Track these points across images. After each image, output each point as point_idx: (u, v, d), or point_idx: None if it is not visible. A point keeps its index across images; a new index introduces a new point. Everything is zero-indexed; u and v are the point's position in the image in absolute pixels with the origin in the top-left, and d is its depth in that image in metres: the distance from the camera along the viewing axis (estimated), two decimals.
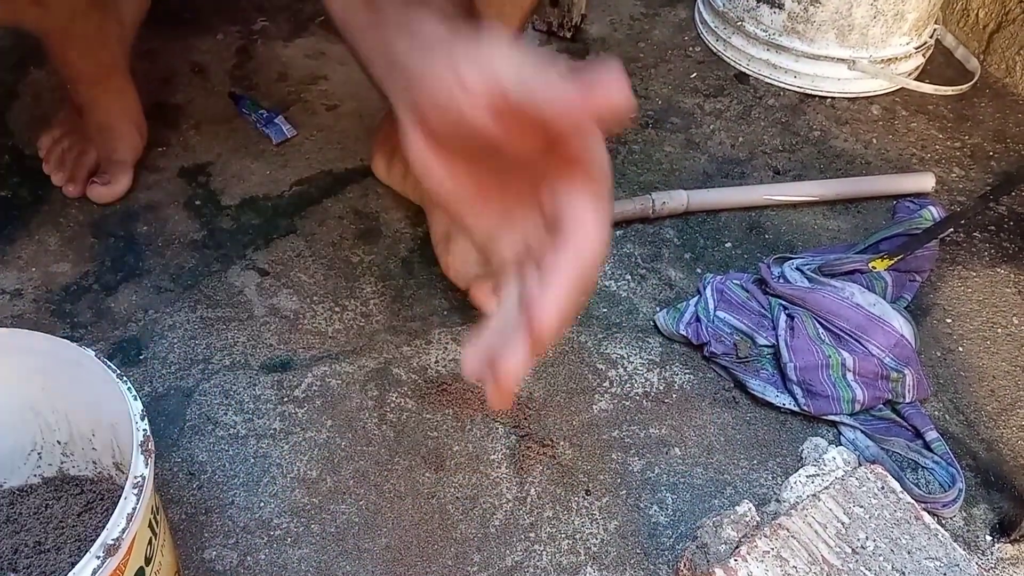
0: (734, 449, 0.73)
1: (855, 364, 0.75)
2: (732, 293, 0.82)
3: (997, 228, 0.96)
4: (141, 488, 0.47)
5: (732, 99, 1.12)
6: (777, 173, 1.01)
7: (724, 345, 0.78)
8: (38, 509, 0.59)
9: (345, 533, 0.65)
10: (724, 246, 0.91)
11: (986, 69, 1.19)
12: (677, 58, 1.18)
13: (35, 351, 0.55)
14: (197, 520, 0.65)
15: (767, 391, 0.75)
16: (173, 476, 0.68)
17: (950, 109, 1.12)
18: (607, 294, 0.85)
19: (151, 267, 0.84)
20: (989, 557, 0.68)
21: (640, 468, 0.71)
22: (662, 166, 1.00)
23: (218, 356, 0.76)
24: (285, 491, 0.67)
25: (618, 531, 0.67)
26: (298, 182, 0.94)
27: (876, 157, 1.04)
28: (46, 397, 0.58)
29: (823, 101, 1.12)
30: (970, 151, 1.06)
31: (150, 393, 0.73)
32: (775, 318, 0.79)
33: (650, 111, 1.08)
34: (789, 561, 0.53)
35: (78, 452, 0.61)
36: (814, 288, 0.80)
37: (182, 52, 1.10)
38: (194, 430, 0.71)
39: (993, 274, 0.90)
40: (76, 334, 0.77)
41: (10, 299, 0.80)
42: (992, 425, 0.77)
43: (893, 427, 0.75)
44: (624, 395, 0.76)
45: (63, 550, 0.56)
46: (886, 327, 0.77)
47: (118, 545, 0.44)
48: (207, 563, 0.63)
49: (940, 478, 0.71)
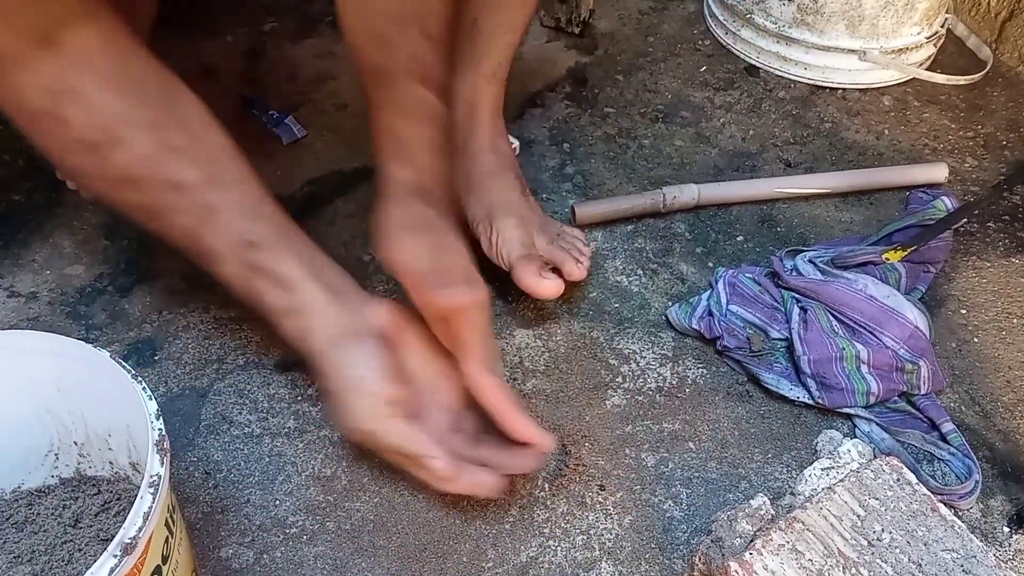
0: (748, 443, 0.73)
1: (869, 356, 0.74)
2: (744, 287, 0.82)
3: (1011, 218, 0.95)
4: (157, 487, 0.47)
5: (742, 92, 1.11)
6: (788, 166, 1.01)
7: (737, 339, 0.77)
8: (56, 509, 0.59)
9: (360, 530, 0.65)
10: (736, 240, 0.91)
11: (998, 58, 1.18)
12: (686, 52, 1.18)
13: (50, 353, 0.56)
14: (213, 519, 0.66)
15: (781, 384, 0.75)
16: (189, 475, 0.68)
17: (962, 99, 1.11)
18: (619, 289, 0.85)
19: (164, 269, 0.84)
20: (1007, 548, 0.67)
21: (654, 463, 0.71)
22: (672, 160, 1.00)
23: (232, 356, 0.77)
24: (300, 489, 0.68)
25: (632, 526, 0.67)
26: (309, 182, 0.95)
27: (888, 148, 1.03)
28: (62, 398, 0.58)
29: (834, 93, 1.12)
30: (983, 141, 1.05)
31: (165, 393, 0.74)
32: (788, 311, 0.79)
33: (660, 105, 1.08)
34: (804, 554, 0.53)
35: (94, 452, 0.61)
36: (827, 280, 0.80)
37: (191, 54, 1.10)
38: (209, 429, 0.71)
39: (1008, 264, 0.90)
40: (91, 336, 0.78)
41: (25, 302, 0.80)
42: (1008, 416, 0.76)
43: (908, 419, 0.74)
44: (637, 390, 0.76)
45: (81, 550, 0.57)
46: (900, 319, 0.76)
47: (135, 544, 0.44)
48: (224, 561, 0.63)
49: (956, 470, 0.70)
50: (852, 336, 0.77)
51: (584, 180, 0.97)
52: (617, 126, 1.05)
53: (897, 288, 0.81)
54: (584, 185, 0.97)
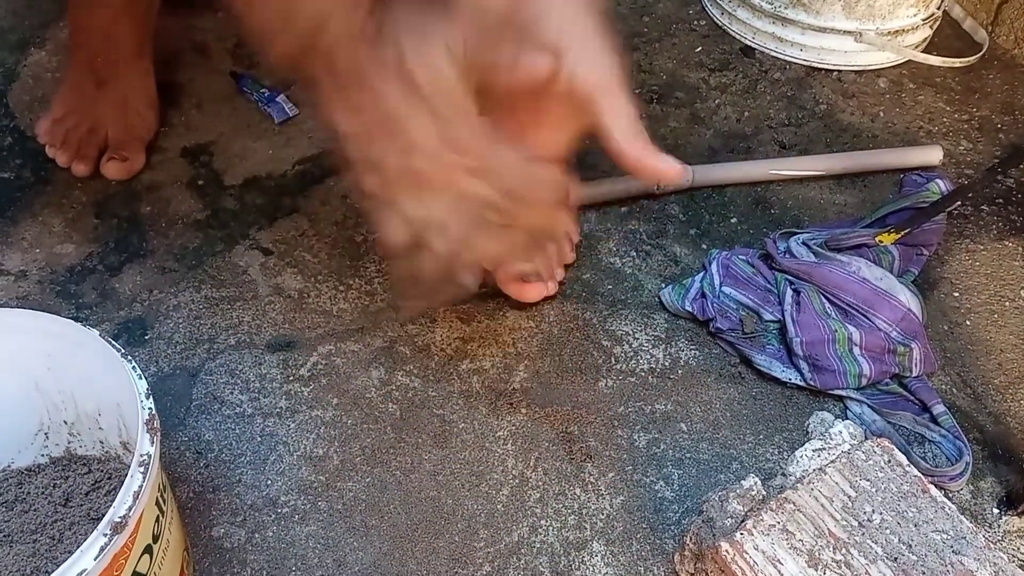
0: (740, 424, 0.73)
1: (861, 338, 0.74)
2: (738, 268, 0.82)
3: (1005, 201, 0.95)
4: (147, 466, 0.47)
5: (738, 73, 1.11)
6: (783, 147, 1.01)
7: (730, 320, 0.77)
8: (46, 488, 0.59)
9: (352, 510, 0.66)
10: (730, 221, 0.91)
11: (994, 40, 1.18)
12: (682, 32, 1.17)
13: (40, 331, 0.55)
14: (205, 498, 0.66)
15: (773, 366, 0.75)
16: (180, 455, 0.68)
17: (958, 81, 1.11)
18: (612, 271, 0.85)
19: (155, 247, 0.84)
20: (996, 530, 0.68)
21: (646, 444, 0.71)
22: (667, 141, 1.00)
23: (223, 336, 0.76)
24: (292, 469, 0.68)
25: (624, 506, 0.67)
26: (301, 161, 0.94)
27: (883, 130, 1.03)
28: (52, 377, 0.58)
29: (829, 74, 1.11)
30: (978, 124, 1.05)
31: (156, 373, 0.73)
32: (781, 293, 0.79)
33: (654, 86, 1.07)
34: (795, 535, 0.53)
35: (85, 432, 0.61)
36: (820, 263, 0.80)
37: (183, 31, 1.09)
38: (200, 409, 0.71)
39: (1001, 247, 0.90)
40: (81, 315, 0.77)
41: (14, 280, 0.80)
42: (999, 399, 0.76)
43: (900, 401, 0.74)
44: (630, 371, 0.76)
45: (71, 529, 0.57)
46: (893, 301, 0.77)
47: (125, 523, 0.44)
48: (215, 541, 0.63)
49: (947, 452, 0.71)
50: (845, 318, 0.77)
51: (577, 162, 0.97)
52: None
53: (890, 270, 0.81)
54: (577, 167, 0.96)
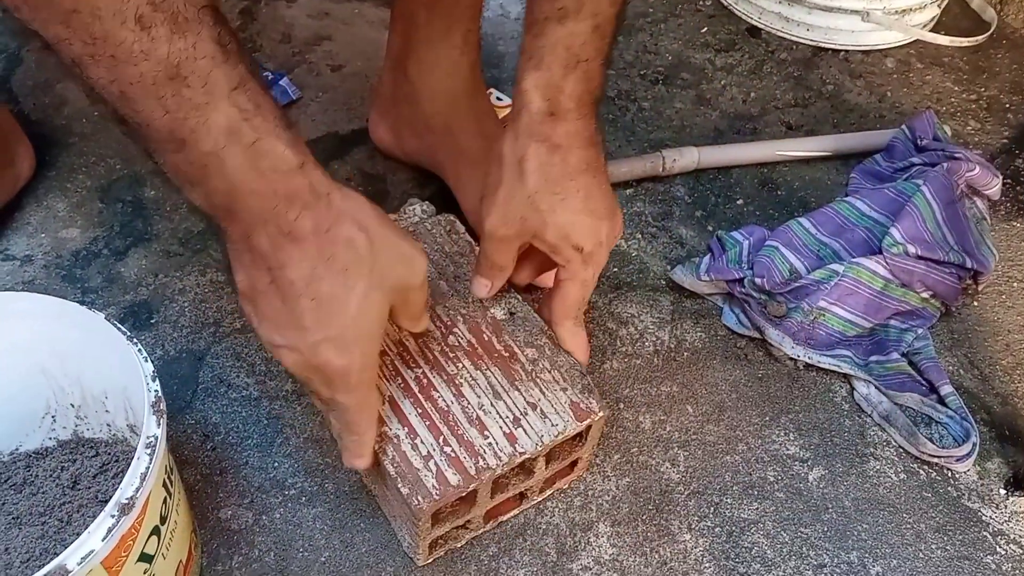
0: (746, 405, 0.73)
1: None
2: (795, 233, 0.80)
3: (1014, 181, 0.94)
4: (154, 448, 0.47)
5: (744, 54, 1.10)
6: (790, 128, 1.00)
7: (772, 278, 0.75)
8: (54, 471, 0.59)
9: (359, 492, 0.66)
10: (736, 203, 0.90)
11: (1003, 19, 1.16)
12: (687, 12, 1.16)
13: (45, 315, 0.55)
14: (212, 480, 0.66)
15: (784, 342, 0.75)
16: (187, 438, 0.68)
17: (966, 61, 1.10)
18: (617, 253, 0.84)
19: (160, 231, 0.84)
20: (1003, 511, 0.68)
21: (651, 425, 0.71)
22: (672, 123, 0.99)
23: (229, 319, 0.76)
24: (299, 451, 0.68)
25: (630, 488, 0.67)
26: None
27: (891, 111, 1.02)
28: (58, 361, 0.58)
29: (836, 54, 1.10)
30: (986, 103, 1.04)
31: (162, 356, 0.73)
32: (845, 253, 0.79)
33: (660, 67, 1.07)
34: None
35: (91, 415, 0.61)
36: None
37: None
38: (207, 392, 0.71)
39: (1009, 228, 0.89)
40: (87, 299, 0.77)
41: (20, 265, 0.80)
42: (1007, 380, 0.76)
43: (908, 382, 0.74)
44: (635, 354, 0.76)
45: (80, 511, 0.57)
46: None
47: (132, 504, 0.44)
48: (223, 522, 0.64)
49: (954, 432, 0.70)
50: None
51: None
52: (616, 88, 1.03)
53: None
54: None
